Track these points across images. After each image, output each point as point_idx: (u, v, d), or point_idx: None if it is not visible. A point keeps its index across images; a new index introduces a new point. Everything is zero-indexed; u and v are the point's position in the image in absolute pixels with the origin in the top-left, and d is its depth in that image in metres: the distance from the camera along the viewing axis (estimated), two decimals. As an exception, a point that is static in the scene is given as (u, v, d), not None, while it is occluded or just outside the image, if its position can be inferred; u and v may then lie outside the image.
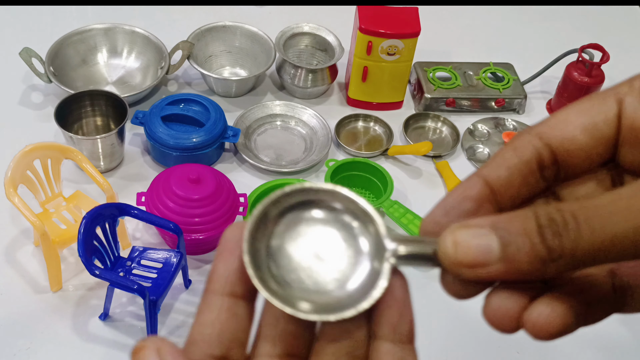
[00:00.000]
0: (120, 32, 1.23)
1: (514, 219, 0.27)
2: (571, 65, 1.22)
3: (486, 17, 1.49)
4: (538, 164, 0.30)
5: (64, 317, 0.89)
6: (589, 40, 1.23)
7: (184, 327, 0.90)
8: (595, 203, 0.26)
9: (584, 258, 0.26)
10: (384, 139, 1.18)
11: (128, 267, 0.88)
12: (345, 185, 1.06)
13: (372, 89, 1.21)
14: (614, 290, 0.30)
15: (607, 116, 0.29)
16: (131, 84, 1.22)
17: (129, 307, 0.91)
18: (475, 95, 1.24)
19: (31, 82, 1.19)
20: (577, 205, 0.26)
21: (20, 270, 0.94)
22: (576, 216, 0.26)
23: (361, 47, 1.14)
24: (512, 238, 0.27)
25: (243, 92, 1.23)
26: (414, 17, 1.15)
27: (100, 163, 1.05)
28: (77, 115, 1.08)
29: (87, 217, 0.82)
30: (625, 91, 0.30)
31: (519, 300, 0.29)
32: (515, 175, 0.30)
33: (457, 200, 0.30)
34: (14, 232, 0.98)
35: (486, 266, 0.27)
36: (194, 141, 1.05)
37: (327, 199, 0.31)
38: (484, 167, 0.31)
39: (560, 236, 0.26)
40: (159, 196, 0.93)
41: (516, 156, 0.30)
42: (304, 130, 1.18)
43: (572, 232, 0.26)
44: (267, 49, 1.23)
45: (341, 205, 0.31)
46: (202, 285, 0.93)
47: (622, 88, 0.30)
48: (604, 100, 0.30)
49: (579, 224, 0.26)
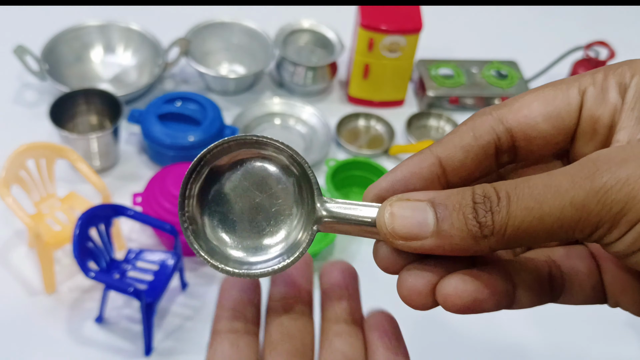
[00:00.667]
0: (115, 29, 1.22)
1: (452, 195, 0.28)
2: (577, 63, 1.21)
3: (490, 14, 1.48)
4: (496, 148, 0.30)
5: (58, 320, 0.88)
6: (595, 37, 1.22)
7: (180, 331, 0.88)
8: (529, 183, 0.27)
9: (515, 236, 0.27)
10: (386, 138, 1.17)
11: (124, 269, 0.87)
12: (346, 185, 1.05)
13: (373, 86, 1.19)
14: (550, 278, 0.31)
15: (570, 106, 0.30)
16: (127, 82, 1.20)
17: (125, 310, 0.89)
18: (479, 93, 1.22)
19: (25, 80, 1.18)
20: (512, 184, 0.27)
21: (13, 272, 0.92)
22: (509, 194, 0.27)
23: (362, 43, 1.13)
24: (447, 213, 0.28)
25: (241, 90, 1.21)
26: (416, 14, 1.13)
27: (95, 162, 1.04)
28: (72, 114, 1.07)
29: (81, 218, 0.81)
30: (588, 82, 0.30)
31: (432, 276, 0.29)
32: (471, 157, 0.30)
33: (406, 175, 0.31)
34: (7, 233, 0.96)
35: (420, 239, 0.28)
36: (191, 140, 1.03)
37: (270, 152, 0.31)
38: (438, 144, 0.31)
39: (492, 213, 0.27)
40: (155, 196, 0.92)
41: (474, 138, 0.30)
42: (304, 129, 1.16)
43: (504, 209, 0.26)
44: (266, 45, 1.22)
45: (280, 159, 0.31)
46: (199, 288, 0.92)
47: (585, 79, 0.30)
48: (568, 90, 0.30)
49: (510, 201, 0.26)
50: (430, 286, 0.29)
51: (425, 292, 0.29)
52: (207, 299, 0.92)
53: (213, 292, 0.93)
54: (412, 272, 0.30)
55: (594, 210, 0.26)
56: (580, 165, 0.27)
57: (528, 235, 0.27)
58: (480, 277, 0.28)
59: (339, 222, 0.31)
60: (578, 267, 0.31)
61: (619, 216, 0.26)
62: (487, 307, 0.29)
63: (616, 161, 0.26)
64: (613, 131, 0.30)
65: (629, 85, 0.29)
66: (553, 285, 0.31)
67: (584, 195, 0.26)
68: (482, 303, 0.28)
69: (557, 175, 0.27)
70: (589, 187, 0.26)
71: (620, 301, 0.31)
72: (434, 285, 0.29)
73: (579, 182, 0.26)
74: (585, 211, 0.26)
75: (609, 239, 0.27)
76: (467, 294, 0.28)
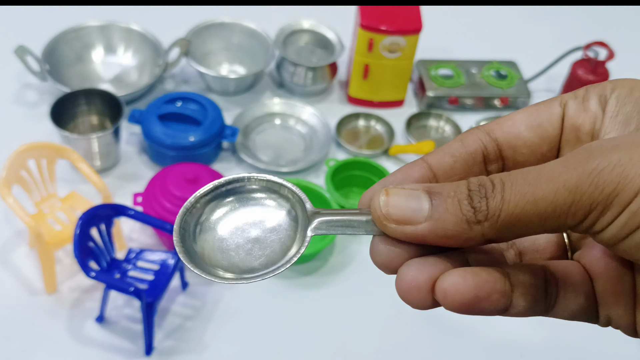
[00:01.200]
0: (116, 30, 1.22)
1: (448, 184, 0.29)
2: (576, 63, 1.21)
3: (490, 14, 1.48)
4: (484, 156, 0.32)
5: (59, 319, 0.88)
6: (594, 37, 1.22)
7: (181, 330, 0.89)
8: (523, 171, 0.27)
9: (508, 222, 0.27)
10: (386, 138, 1.17)
11: (124, 268, 0.88)
12: (346, 185, 1.06)
13: (373, 87, 1.19)
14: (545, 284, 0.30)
15: (552, 117, 0.31)
16: (127, 82, 1.21)
17: (125, 310, 0.90)
18: (479, 94, 1.22)
19: (26, 80, 1.18)
20: (507, 173, 0.28)
21: (14, 272, 0.93)
22: (504, 181, 0.27)
23: (362, 44, 1.13)
24: (442, 199, 0.28)
25: (241, 90, 1.21)
26: (416, 14, 1.13)
27: (95, 162, 1.04)
28: (73, 114, 1.07)
29: (82, 218, 0.81)
30: (570, 96, 0.32)
31: (433, 270, 0.29)
32: (459, 163, 0.31)
33: (399, 179, 0.31)
34: (8, 233, 0.97)
35: (414, 224, 0.28)
36: (191, 140, 1.03)
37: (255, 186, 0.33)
38: (429, 154, 0.32)
39: (487, 198, 0.27)
40: (156, 196, 0.92)
41: (462, 147, 0.31)
42: (304, 129, 1.16)
43: (498, 193, 0.27)
44: (266, 46, 1.22)
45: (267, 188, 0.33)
46: (199, 287, 0.93)
47: (567, 94, 0.32)
48: (550, 104, 0.32)
49: (505, 187, 0.27)
50: (431, 281, 0.29)
51: (426, 287, 0.29)
52: (208, 299, 0.92)
53: (213, 292, 0.93)
54: (412, 266, 0.29)
55: (587, 192, 0.26)
56: (573, 153, 0.27)
57: (521, 222, 0.27)
58: (480, 274, 0.28)
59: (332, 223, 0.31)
60: (572, 274, 0.31)
61: (612, 197, 0.26)
62: (485, 307, 0.29)
63: (607, 147, 0.27)
64: (596, 138, 0.31)
65: (609, 97, 0.30)
66: (548, 291, 0.30)
67: (577, 178, 0.26)
68: (481, 301, 0.28)
69: (551, 163, 0.28)
70: (581, 170, 0.26)
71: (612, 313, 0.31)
72: (433, 281, 0.29)
73: (572, 166, 0.27)
74: (578, 193, 0.26)
75: (601, 223, 0.27)
76: (468, 289, 0.28)
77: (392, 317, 0.91)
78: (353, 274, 0.97)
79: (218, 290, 0.93)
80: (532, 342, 0.92)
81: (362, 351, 0.90)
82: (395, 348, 0.90)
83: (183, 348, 0.87)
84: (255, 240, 0.32)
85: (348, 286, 0.96)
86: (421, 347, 0.91)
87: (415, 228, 0.28)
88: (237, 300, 0.93)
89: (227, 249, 0.32)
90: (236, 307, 0.92)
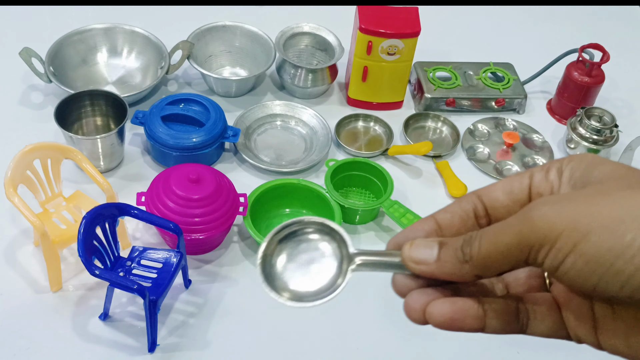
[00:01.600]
0: (120, 32, 1.23)
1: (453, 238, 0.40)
2: (571, 65, 1.22)
3: (486, 16, 1.49)
4: (475, 213, 0.41)
5: (63, 317, 0.89)
6: (589, 40, 1.23)
7: (183, 327, 0.90)
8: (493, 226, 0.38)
9: (483, 260, 0.37)
10: (384, 138, 1.18)
11: (128, 267, 0.88)
12: (345, 184, 1.07)
13: (372, 88, 1.21)
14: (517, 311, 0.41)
15: (522, 186, 0.40)
16: (131, 84, 1.22)
17: (129, 307, 0.91)
18: (476, 95, 1.24)
19: (31, 82, 1.19)
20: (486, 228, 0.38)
21: (20, 270, 0.94)
22: (480, 234, 0.38)
23: (361, 46, 1.14)
24: (446, 247, 0.39)
25: (243, 92, 1.23)
26: (414, 17, 1.15)
27: (100, 163, 1.05)
28: (77, 115, 1.08)
29: (87, 217, 0.82)
30: (537, 170, 0.40)
31: (425, 299, 0.40)
32: (456, 218, 0.42)
33: (415, 231, 0.42)
34: (13, 232, 0.98)
35: (426, 264, 0.40)
36: (194, 141, 1.05)
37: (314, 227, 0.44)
38: (437, 212, 0.43)
39: (470, 245, 0.38)
40: (159, 196, 0.93)
41: (459, 207, 0.42)
42: (304, 130, 1.18)
43: (475, 242, 0.38)
44: (267, 48, 1.23)
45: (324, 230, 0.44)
46: (202, 285, 0.94)
47: (536, 168, 0.41)
48: (521, 176, 0.41)
49: (481, 238, 0.38)
50: (423, 306, 0.40)
51: (420, 310, 0.40)
52: (210, 297, 0.93)
53: (216, 290, 0.94)
54: (413, 296, 0.40)
55: (526, 235, 0.36)
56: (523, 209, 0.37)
57: (491, 260, 0.37)
58: (457, 303, 0.39)
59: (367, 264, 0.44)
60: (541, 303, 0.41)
61: (543, 238, 0.35)
62: (462, 326, 0.39)
63: (541, 202, 0.36)
64: None
65: (564, 169, 0.39)
66: (520, 316, 0.41)
67: (520, 225, 0.36)
68: (458, 322, 0.39)
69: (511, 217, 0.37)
70: (522, 219, 0.36)
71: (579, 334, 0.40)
72: (425, 306, 0.39)
73: (519, 217, 0.36)
74: (521, 236, 0.36)
75: (540, 258, 0.35)
76: (446, 313, 0.39)
77: (392, 316, 0.93)
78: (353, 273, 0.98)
79: (220, 288, 0.95)
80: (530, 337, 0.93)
81: (363, 348, 0.91)
82: (396, 347, 0.91)
83: (186, 345, 0.88)
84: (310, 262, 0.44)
85: (348, 285, 0.97)
86: (421, 341, 0.92)
87: (427, 267, 0.40)
88: (239, 297, 0.94)
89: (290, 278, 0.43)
90: (238, 305, 0.93)
